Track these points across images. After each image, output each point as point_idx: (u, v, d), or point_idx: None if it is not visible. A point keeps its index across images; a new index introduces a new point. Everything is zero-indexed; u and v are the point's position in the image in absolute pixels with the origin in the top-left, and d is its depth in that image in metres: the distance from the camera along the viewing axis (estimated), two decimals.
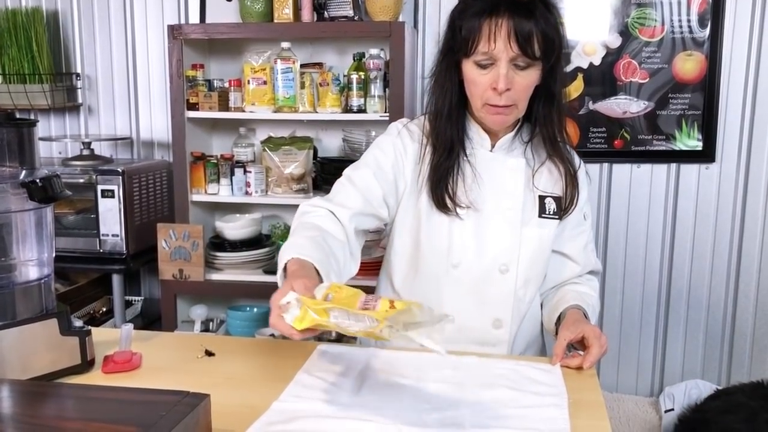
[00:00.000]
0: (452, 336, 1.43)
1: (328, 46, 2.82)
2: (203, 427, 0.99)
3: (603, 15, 2.65)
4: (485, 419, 1.08)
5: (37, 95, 2.92)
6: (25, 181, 1.15)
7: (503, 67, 1.32)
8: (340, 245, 1.37)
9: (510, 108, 1.38)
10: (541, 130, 1.44)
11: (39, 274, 1.23)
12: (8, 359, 1.15)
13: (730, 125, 2.66)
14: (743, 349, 2.76)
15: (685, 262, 2.76)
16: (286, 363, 1.31)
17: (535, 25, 1.31)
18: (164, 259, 2.73)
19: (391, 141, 1.51)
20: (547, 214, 1.46)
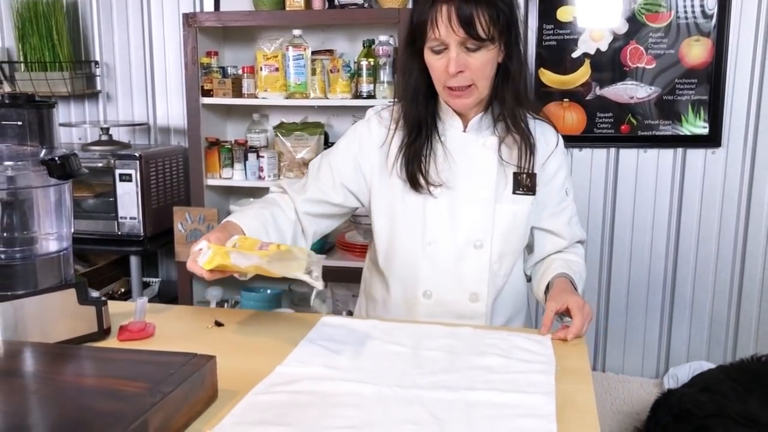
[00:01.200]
0: (431, 310, 1.53)
1: (338, 33, 2.88)
2: (209, 386, 1.06)
3: (611, 1, 2.68)
4: (475, 383, 1.14)
5: (57, 82, 3.01)
6: (45, 159, 1.22)
7: (453, 50, 1.38)
8: (288, 222, 1.53)
9: (470, 89, 1.43)
10: (501, 108, 1.49)
11: (58, 246, 1.31)
12: (30, 325, 1.23)
13: (736, 110, 2.68)
14: (748, 331, 2.79)
15: (691, 245, 2.80)
16: (292, 333, 1.38)
17: (477, 8, 1.35)
18: (180, 241, 2.82)
19: (357, 128, 1.59)
20: (522, 191, 1.51)
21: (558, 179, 1.56)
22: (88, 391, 0.96)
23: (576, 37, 2.73)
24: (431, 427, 0.99)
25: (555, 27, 2.73)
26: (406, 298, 1.55)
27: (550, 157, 1.54)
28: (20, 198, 1.27)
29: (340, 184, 1.55)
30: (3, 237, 1.26)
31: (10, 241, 1.26)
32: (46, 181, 1.27)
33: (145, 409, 0.89)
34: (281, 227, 1.48)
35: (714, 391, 2.02)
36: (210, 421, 1.02)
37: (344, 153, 1.57)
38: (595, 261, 2.86)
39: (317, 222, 1.57)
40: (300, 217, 1.54)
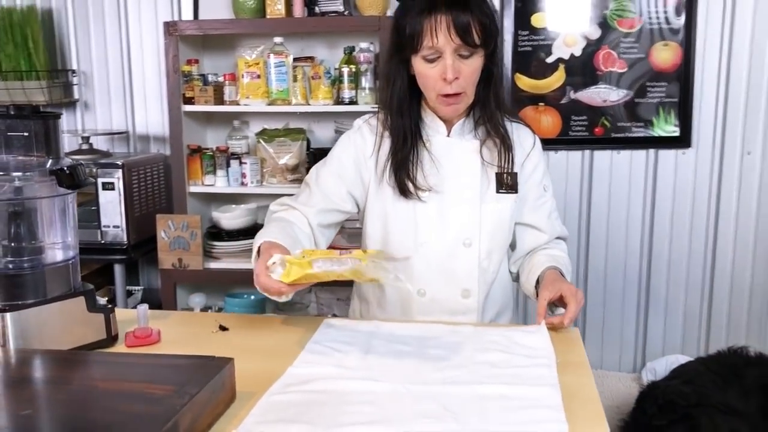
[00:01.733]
0: (425, 308, 1.59)
1: (318, 40, 2.91)
2: (228, 388, 1.09)
3: (583, 7, 2.77)
4: (482, 377, 1.19)
5: (34, 92, 2.99)
6: (54, 169, 1.24)
7: (449, 58, 1.44)
8: (306, 236, 1.54)
9: (460, 96, 1.50)
10: (483, 111, 1.56)
11: (65, 255, 1.33)
12: (42, 333, 1.25)
13: (704, 112, 2.78)
14: (720, 325, 2.90)
15: (664, 243, 2.89)
16: (296, 336, 1.42)
17: (472, 17, 1.43)
18: (163, 248, 2.82)
19: (350, 137, 1.65)
20: (504, 190, 1.58)
21: (536, 176, 1.64)
22: (116, 394, 0.98)
23: (550, 43, 2.81)
24: (447, 420, 1.04)
25: (530, 33, 2.81)
26: (401, 297, 1.61)
27: (527, 156, 1.62)
28: (28, 208, 1.28)
29: (347, 192, 1.61)
30: (11, 247, 1.28)
31: (19, 251, 1.28)
32: (54, 191, 1.29)
33: (175, 411, 0.92)
34: (302, 242, 1.49)
35: (695, 382, 2.11)
36: (231, 422, 1.05)
37: (345, 162, 1.62)
38: (571, 259, 2.92)
39: (327, 232, 1.63)
40: (314, 229, 1.58)
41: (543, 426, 1.02)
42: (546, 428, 1.01)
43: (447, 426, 1.02)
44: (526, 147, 1.63)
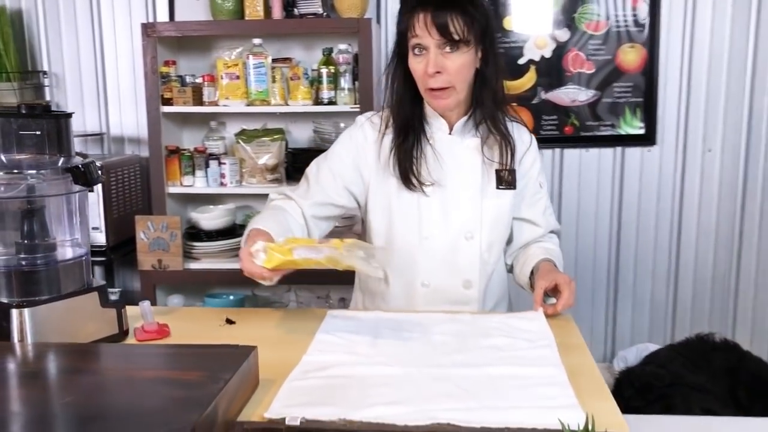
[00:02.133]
0: (429, 298, 1.65)
1: (295, 41, 2.95)
2: (254, 374, 1.14)
3: (552, 11, 2.87)
4: (490, 360, 1.26)
5: (5, 93, 2.95)
6: (69, 167, 1.26)
7: (432, 52, 1.51)
8: (299, 226, 1.61)
9: (448, 90, 1.55)
10: (482, 111, 1.62)
11: (79, 252, 1.35)
12: (57, 328, 1.27)
13: (668, 111, 2.92)
14: (685, 313, 3.04)
15: (631, 236, 3.02)
16: (301, 327, 1.46)
17: (452, 13, 1.49)
18: (143, 250, 2.82)
19: (351, 133, 1.71)
20: (504, 186, 1.65)
21: (533, 173, 1.72)
22: (152, 381, 1.02)
23: (521, 45, 2.91)
24: (464, 398, 1.10)
25: (502, 35, 2.90)
26: (405, 289, 1.67)
27: (525, 154, 1.70)
28: (43, 206, 1.30)
29: (343, 187, 1.66)
30: (26, 244, 1.29)
31: (34, 248, 1.29)
32: (68, 189, 1.31)
33: (214, 395, 0.96)
34: (294, 231, 1.56)
35: (668, 366, 2.23)
36: (258, 406, 1.09)
37: (344, 157, 1.67)
38: None
39: (321, 224, 1.67)
40: (307, 220, 1.63)
41: (555, 401, 1.09)
42: (557, 403, 1.08)
43: (465, 404, 1.08)
44: (524, 144, 1.70)
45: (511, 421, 1.01)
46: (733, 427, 1.49)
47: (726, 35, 2.86)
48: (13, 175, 1.26)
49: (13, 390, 1.00)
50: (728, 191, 2.96)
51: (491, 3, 2.88)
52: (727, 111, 2.91)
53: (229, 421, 1.01)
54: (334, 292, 2.96)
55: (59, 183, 1.30)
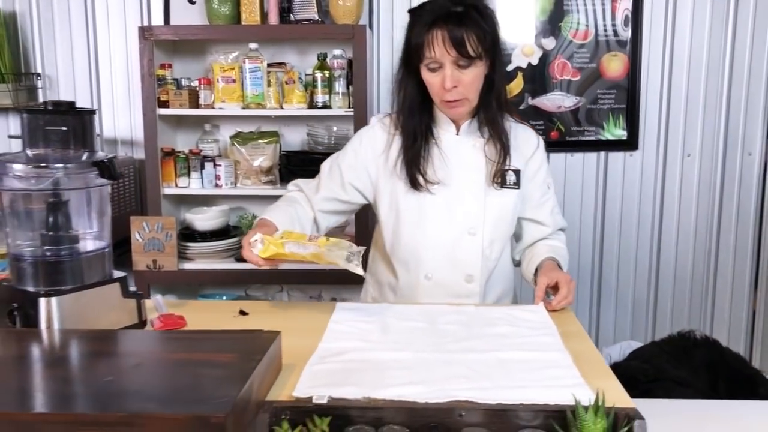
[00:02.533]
0: (431, 291, 1.73)
1: (290, 46, 3.02)
2: (278, 358, 1.20)
3: (539, 20, 2.98)
4: (497, 346, 1.33)
5: (1, 94, 2.97)
6: (96, 161, 1.31)
7: (447, 68, 1.58)
8: (308, 218, 1.74)
9: (462, 101, 1.63)
10: (486, 113, 1.70)
11: (101, 244, 1.40)
12: (83, 316, 1.32)
13: (649, 117, 3.03)
14: (665, 312, 3.15)
15: (614, 238, 3.12)
16: (312, 318, 1.52)
17: (467, 31, 1.56)
18: (138, 250, 2.85)
19: (364, 133, 1.79)
20: (508, 185, 1.72)
21: (540, 175, 1.79)
22: (187, 363, 1.07)
23: (510, 52, 3.01)
24: (477, 379, 1.17)
25: None
26: (410, 281, 1.74)
27: (531, 157, 1.77)
28: (68, 199, 1.35)
29: (349, 184, 1.74)
30: (51, 236, 1.34)
31: (59, 240, 1.34)
32: (93, 183, 1.36)
33: (249, 373, 1.02)
34: (303, 223, 1.65)
35: (652, 362, 2.32)
36: (284, 387, 1.15)
37: (352, 156, 1.75)
38: None
39: (329, 217, 1.76)
40: (316, 213, 1.72)
41: (562, 381, 1.16)
42: (566, 383, 1.16)
43: (479, 383, 1.15)
44: (529, 148, 1.77)
45: (524, 398, 1.08)
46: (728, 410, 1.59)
47: (704, 46, 2.98)
48: (41, 168, 1.31)
49: (58, 370, 1.05)
50: (706, 195, 3.08)
51: None
52: (706, 118, 3.03)
53: (260, 400, 1.07)
54: (325, 291, 3.02)
55: (83, 177, 1.35)
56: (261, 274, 2.86)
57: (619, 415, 1.03)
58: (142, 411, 0.90)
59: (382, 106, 3.07)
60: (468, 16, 1.58)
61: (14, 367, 1.06)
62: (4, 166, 1.28)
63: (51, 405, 0.93)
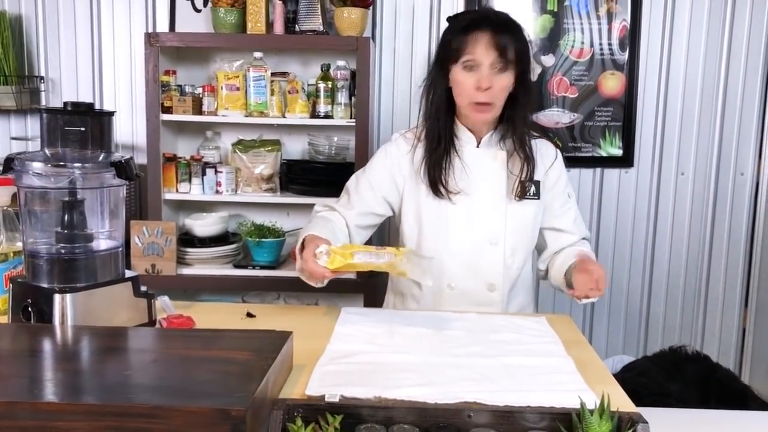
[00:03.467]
0: (454, 299, 1.76)
1: (293, 56, 3.05)
2: (290, 357, 1.22)
3: (539, 37, 3.03)
4: (501, 352, 1.37)
5: (3, 96, 2.99)
6: (114, 161, 1.34)
7: (485, 69, 1.65)
8: (344, 234, 1.73)
9: (490, 106, 1.68)
10: (512, 129, 1.76)
11: (114, 244, 1.42)
12: (96, 314, 1.34)
13: (645, 135, 3.09)
14: (657, 328, 3.19)
15: (608, 254, 3.17)
16: (319, 321, 1.55)
17: (510, 38, 1.65)
18: (137, 254, 2.87)
19: (387, 149, 1.85)
20: (528, 196, 1.77)
21: (560, 185, 1.84)
22: (203, 359, 1.10)
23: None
24: (484, 382, 1.20)
25: None
26: (433, 290, 1.78)
27: (550, 168, 1.83)
28: (83, 198, 1.37)
29: (382, 197, 1.80)
30: (66, 234, 1.36)
31: (74, 238, 1.36)
32: (109, 183, 1.38)
33: (265, 370, 1.04)
34: (339, 239, 1.67)
35: (646, 375, 2.36)
36: (295, 387, 1.18)
37: (380, 170, 1.81)
38: None
39: (362, 232, 1.81)
40: (350, 229, 1.77)
41: (567, 386, 1.20)
42: (570, 387, 1.19)
43: (486, 386, 1.18)
44: (548, 159, 1.84)
45: (530, 401, 1.11)
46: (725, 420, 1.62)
47: (699, 67, 3.05)
48: (59, 167, 1.33)
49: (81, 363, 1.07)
50: (699, 213, 3.13)
51: None
52: (700, 137, 3.09)
53: (273, 398, 1.09)
54: (322, 300, 3.04)
55: (100, 177, 1.38)
56: (258, 281, 2.89)
57: (623, 418, 1.07)
58: (165, 404, 0.92)
59: (383, 117, 3.12)
60: (509, 25, 1.68)
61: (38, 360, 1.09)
62: (23, 164, 1.31)
63: (76, 396, 0.95)
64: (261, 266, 2.90)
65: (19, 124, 3.23)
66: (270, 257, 2.93)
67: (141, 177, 1.42)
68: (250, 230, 3.01)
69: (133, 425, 0.91)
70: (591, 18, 3.03)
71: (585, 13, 3.03)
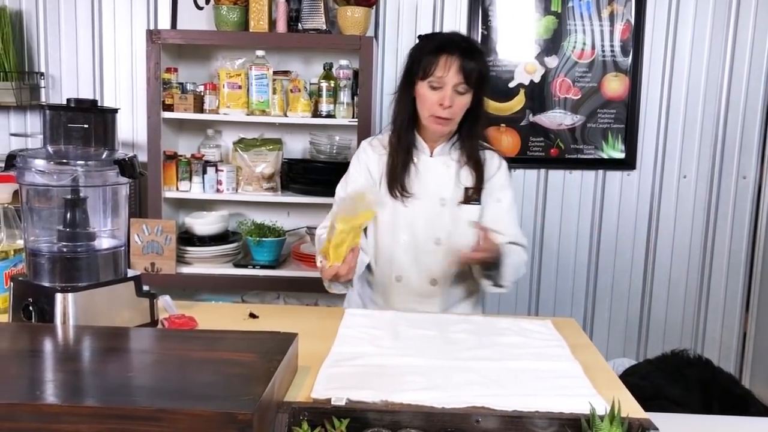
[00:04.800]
0: (401, 290, 1.91)
1: (295, 54, 3.04)
2: (295, 359, 1.21)
3: (542, 39, 3.02)
4: (507, 355, 1.35)
5: (3, 92, 2.97)
6: (118, 159, 1.32)
7: (449, 89, 1.80)
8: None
9: (449, 120, 1.84)
10: (464, 140, 1.92)
11: (117, 243, 1.40)
12: (98, 313, 1.32)
13: (647, 137, 3.08)
14: (657, 331, 3.18)
15: (609, 257, 3.16)
16: (323, 322, 1.54)
17: (474, 64, 1.80)
18: (136, 253, 2.85)
19: (359, 156, 2.00)
20: (471, 201, 1.90)
21: (500, 193, 1.94)
22: (208, 361, 1.08)
23: (512, 69, 3.05)
24: (491, 386, 1.19)
25: (494, 59, 3.03)
26: (383, 281, 1.95)
27: (494, 176, 1.94)
28: (86, 196, 1.35)
29: None
30: (69, 232, 1.34)
31: (76, 237, 1.34)
32: (112, 181, 1.36)
33: (272, 372, 1.03)
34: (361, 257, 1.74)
35: (649, 379, 2.35)
36: (300, 389, 1.16)
37: (359, 175, 1.95)
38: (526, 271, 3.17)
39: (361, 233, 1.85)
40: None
41: (575, 391, 1.19)
42: (577, 392, 1.18)
43: (493, 390, 1.17)
44: (492, 169, 1.94)
45: (538, 406, 1.10)
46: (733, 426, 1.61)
47: (703, 70, 3.04)
48: (61, 165, 1.32)
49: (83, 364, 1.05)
50: (701, 216, 3.12)
51: (485, 28, 3.01)
52: (702, 140, 3.08)
53: (279, 401, 1.08)
54: (321, 299, 3.02)
55: (103, 175, 1.36)
56: (258, 280, 2.87)
57: (633, 424, 1.05)
58: (169, 407, 0.90)
59: (385, 116, 3.09)
60: (474, 52, 1.84)
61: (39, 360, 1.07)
62: (26, 161, 1.29)
63: (78, 398, 0.93)
64: (261, 266, 2.89)
65: (19, 121, 3.21)
66: (270, 257, 2.92)
67: (144, 175, 1.38)
68: (251, 229, 2.99)
69: (136, 428, 0.89)
70: (594, 19, 3.02)
71: (588, 15, 3.02)
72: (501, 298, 3.17)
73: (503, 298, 3.17)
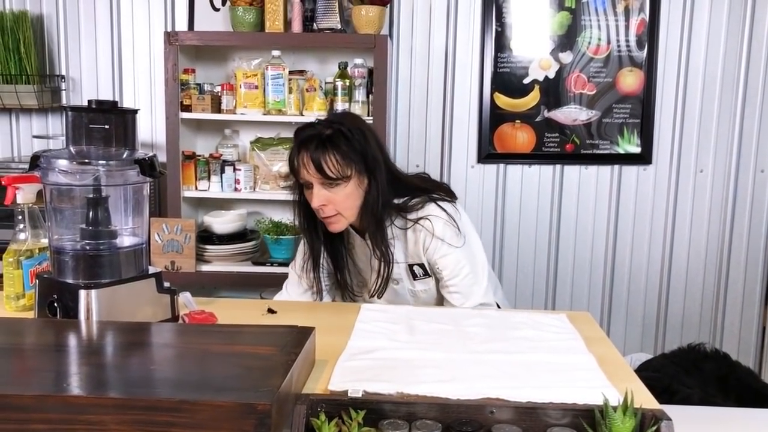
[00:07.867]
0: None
1: (310, 54, 3.07)
2: (313, 353, 1.23)
3: (557, 34, 3.02)
4: (522, 348, 1.37)
5: (25, 95, 3.03)
6: (138, 159, 1.36)
7: (315, 188, 1.68)
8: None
9: (336, 217, 1.71)
10: (373, 233, 1.76)
11: (139, 240, 1.44)
12: (120, 309, 1.35)
13: (663, 132, 3.07)
14: (675, 326, 3.17)
15: (626, 252, 3.15)
16: (339, 318, 1.56)
17: (326, 154, 1.64)
18: (156, 251, 2.89)
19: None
20: (420, 277, 1.84)
21: (442, 262, 1.79)
22: (228, 354, 1.11)
23: (527, 65, 3.05)
24: (506, 379, 1.21)
25: (508, 56, 3.04)
26: None
27: (427, 250, 1.79)
28: (108, 195, 1.39)
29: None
30: (91, 231, 1.38)
31: (99, 235, 1.38)
32: (133, 180, 1.40)
33: (290, 365, 1.05)
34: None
35: (663, 372, 2.35)
36: (318, 382, 1.19)
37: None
38: (542, 266, 3.17)
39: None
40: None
41: (589, 383, 1.20)
42: (592, 384, 1.19)
43: (508, 383, 1.19)
44: (424, 244, 1.79)
45: (552, 398, 1.11)
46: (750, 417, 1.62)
47: (719, 63, 3.02)
48: (84, 165, 1.35)
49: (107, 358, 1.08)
50: (718, 210, 3.11)
51: (499, 25, 3.02)
52: (719, 134, 3.07)
53: (297, 393, 1.10)
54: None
55: (124, 174, 1.39)
56: (276, 277, 2.88)
57: (647, 415, 1.06)
58: (190, 398, 0.93)
59: (400, 114, 3.12)
60: (331, 139, 1.65)
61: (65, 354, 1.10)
62: (49, 161, 1.33)
63: (103, 390, 0.96)
64: (279, 263, 2.92)
65: (41, 123, 3.27)
66: (288, 254, 2.95)
67: (164, 174, 1.41)
68: (268, 227, 3.02)
69: (159, 419, 0.92)
70: (609, 14, 3.02)
71: (603, 10, 3.02)
72: (517, 294, 3.18)
73: (519, 294, 3.19)
